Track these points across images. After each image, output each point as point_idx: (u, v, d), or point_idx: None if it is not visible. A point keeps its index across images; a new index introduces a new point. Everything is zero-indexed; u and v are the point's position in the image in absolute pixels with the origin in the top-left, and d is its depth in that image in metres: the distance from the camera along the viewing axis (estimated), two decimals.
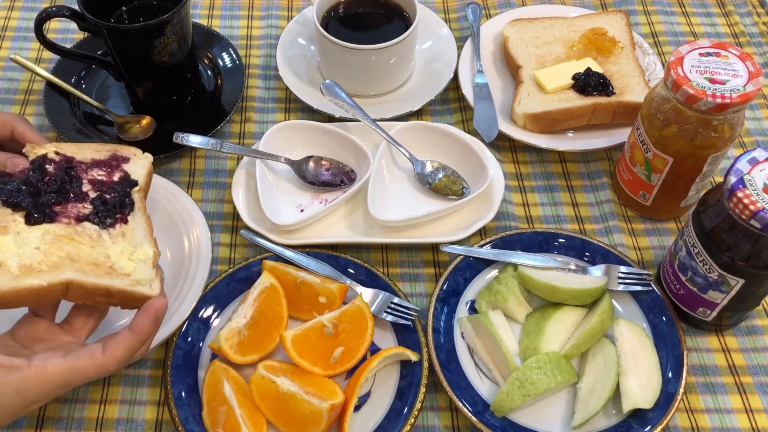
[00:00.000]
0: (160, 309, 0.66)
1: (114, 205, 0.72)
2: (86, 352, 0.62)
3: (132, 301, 0.68)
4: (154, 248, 0.72)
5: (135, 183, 0.76)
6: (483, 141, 0.97)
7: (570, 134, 1.00)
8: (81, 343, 0.67)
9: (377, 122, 0.96)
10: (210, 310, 0.83)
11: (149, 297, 0.67)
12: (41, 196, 0.69)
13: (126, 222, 0.72)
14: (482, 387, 0.79)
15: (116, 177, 0.75)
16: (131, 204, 0.73)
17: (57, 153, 0.75)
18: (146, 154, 0.80)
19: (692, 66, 0.79)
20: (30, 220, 0.67)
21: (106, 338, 0.66)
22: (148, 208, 0.89)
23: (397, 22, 1.04)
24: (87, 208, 0.71)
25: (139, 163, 0.78)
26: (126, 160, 0.78)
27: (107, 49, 0.95)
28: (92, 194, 0.72)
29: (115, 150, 0.78)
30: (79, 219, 0.69)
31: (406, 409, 0.75)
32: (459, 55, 1.08)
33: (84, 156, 0.76)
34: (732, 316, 0.81)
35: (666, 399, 0.75)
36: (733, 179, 0.69)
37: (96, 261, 0.67)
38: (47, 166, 0.72)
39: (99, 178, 0.74)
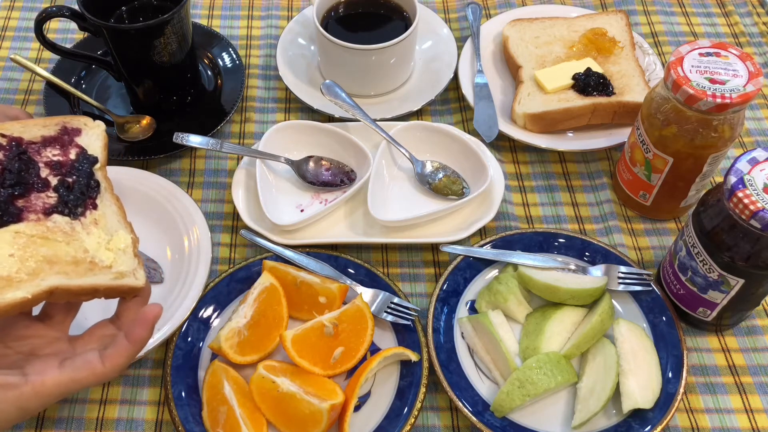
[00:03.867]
0: (156, 317, 0.64)
1: (81, 191, 0.64)
2: (84, 363, 0.61)
3: (117, 293, 0.64)
4: (131, 234, 0.66)
5: (95, 160, 0.68)
6: (483, 141, 0.97)
7: (570, 134, 1.00)
8: (66, 339, 0.65)
9: (377, 122, 0.96)
10: (210, 310, 0.83)
11: (135, 287, 0.64)
12: (0, 192, 0.62)
13: (95, 207, 0.65)
14: (482, 387, 0.79)
15: (72, 154, 0.67)
16: (96, 185, 0.66)
17: (2, 135, 0.66)
18: (97, 122, 0.71)
19: (692, 66, 0.79)
20: None
21: (88, 334, 0.65)
22: (146, 207, 0.89)
23: (397, 22, 1.04)
24: (51, 198, 0.63)
25: (92, 134, 0.69)
26: (77, 132, 0.69)
27: (107, 49, 0.95)
28: (53, 180, 0.64)
29: (63, 122, 0.69)
30: (47, 212, 0.62)
31: (406, 409, 0.75)
32: (459, 55, 1.08)
33: (32, 134, 0.67)
34: (732, 316, 0.81)
35: (666, 399, 0.75)
36: (733, 179, 0.69)
37: (75, 258, 0.61)
38: None
39: (54, 158, 0.66)
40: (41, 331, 0.65)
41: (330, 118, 1.02)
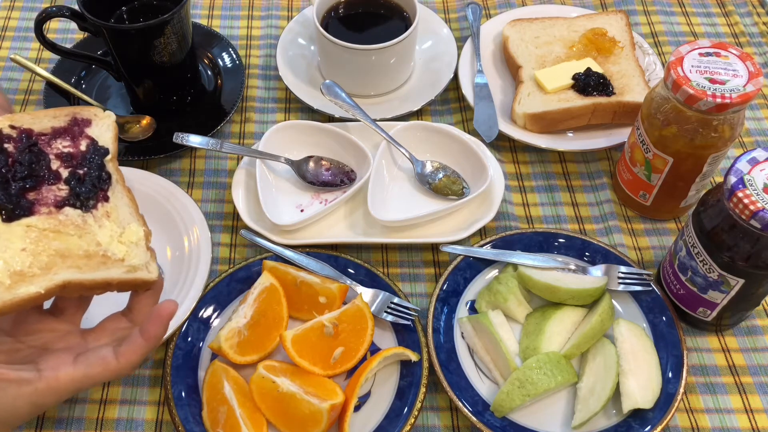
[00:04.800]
0: (171, 314, 0.63)
1: (93, 183, 0.64)
2: (98, 359, 0.61)
3: (130, 287, 0.64)
4: (143, 227, 0.65)
5: (106, 151, 0.66)
6: (483, 141, 0.97)
7: (570, 134, 1.00)
8: (78, 332, 0.65)
9: (377, 122, 0.96)
10: (210, 310, 0.83)
11: (148, 281, 0.63)
12: (11, 185, 0.60)
13: (107, 200, 0.64)
14: (482, 387, 0.79)
15: (83, 146, 0.66)
16: (108, 177, 0.65)
17: (12, 127, 0.64)
18: (108, 112, 0.69)
19: (692, 66, 0.79)
20: (7, 217, 0.59)
21: (100, 327, 0.65)
22: (146, 207, 0.88)
23: (397, 22, 1.04)
24: (63, 190, 0.62)
25: (102, 125, 0.68)
26: (88, 122, 0.67)
27: (107, 49, 0.95)
28: (64, 172, 0.63)
29: (74, 113, 0.68)
30: (58, 205, 0.61)
31: (406, 409, 0.75)
32: (459, 55, 1.08)
33: (43, 126, 0.66)
34: (732, 316, 0.81)
35: (666, 399, 0.75)
36: (733, 179, 0.69)
37: (88, 252, 0.61)
38: (6, 145, 0.63)
39: (65, 150, 0.65)
40: (53, 325, 0.65)
41: (330, 118, 1.02)
